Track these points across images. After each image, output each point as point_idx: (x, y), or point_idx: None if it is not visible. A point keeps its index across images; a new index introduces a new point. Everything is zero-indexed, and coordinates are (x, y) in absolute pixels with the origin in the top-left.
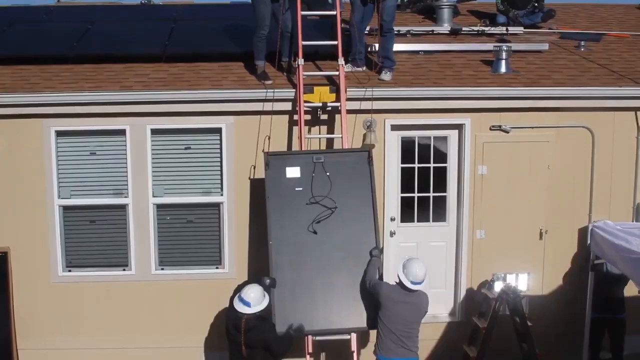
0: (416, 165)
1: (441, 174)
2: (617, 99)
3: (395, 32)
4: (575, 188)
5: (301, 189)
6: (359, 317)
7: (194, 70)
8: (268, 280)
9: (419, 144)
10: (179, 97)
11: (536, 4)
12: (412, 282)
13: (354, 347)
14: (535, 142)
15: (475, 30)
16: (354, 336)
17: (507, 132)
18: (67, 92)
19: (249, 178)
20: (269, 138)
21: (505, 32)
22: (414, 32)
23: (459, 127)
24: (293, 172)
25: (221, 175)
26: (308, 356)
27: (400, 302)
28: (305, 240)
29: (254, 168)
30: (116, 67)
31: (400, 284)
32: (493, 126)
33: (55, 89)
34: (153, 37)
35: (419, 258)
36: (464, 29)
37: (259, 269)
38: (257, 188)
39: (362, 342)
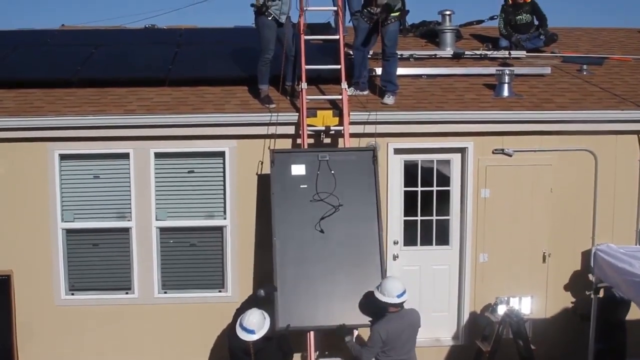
0: (419, 188)
1: (444, 198)
2: (619, 122)
3: (398, 56)
4: (578, 211)
5: (306, 186)
6: (360, 314)
7: (198, 94)
8: (262, 292)
9: (421, 167)
10: (183, 121)
11: (539, 29)
12: (398, 296)
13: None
14: (538, 165)
15: (478, 54)
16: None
17: (509, 155)
18: (71, 116)
19: (257, 198)
20: (261, 163)
21: (507, 56)
22: (416, 56)
23: (462, 151)
24: (298, 169)
25: (224, 198)
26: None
27: (403, 328)
28: (309, 237)
29: (258, 191)
30: (120, 91)
31: (388, 308)
32: (496, 149)
33: (59, 113)
34: (157, 61)
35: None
36: (466, 52)
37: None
38: (263, 210)
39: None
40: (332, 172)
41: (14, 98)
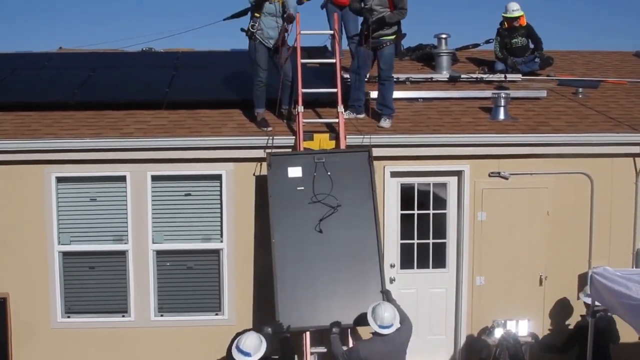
0: (415, 211)
1: (441, 220)
2: (615, 145)
3: (395, 79)
4: (575, 234)
5: (303, 188)
6: (359, 313)
7: (195, 117)
8: (270, 329)
9: (418, 190)
10: (179, 144)
11: (535, 52)
12: (381, 327)
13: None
14: (534, 188)
15: (474, 78)
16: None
17: (506, 178)
18: (68, 139)
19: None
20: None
21: (503, 79)
22: (413, 80)
23: (458, 174)
24: (295, 171)
25: (221, 221)
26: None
27: (386, 352)
28: (307, 238)
29: (256, 213)
30: (117, 114)
31: (374, 333)
32: (492, 173)
33: (56, 136)
34: (154, 84)
35: (386, 302)
36: (462, 76)
37: (266, 313)
38: (261, 231)
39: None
40: (329, 173)
41: (11, 120)
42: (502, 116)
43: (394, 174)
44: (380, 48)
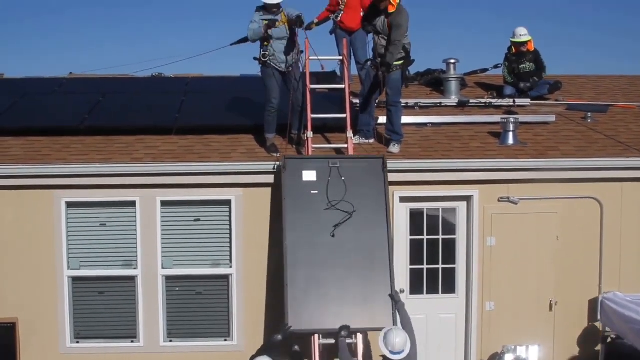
0: (425, 237)
1: (450, 246)
2: (624, 170)
3: (403, 104)
4: (585, 259)
5: (317, 192)
6: (368, 318)
7: (204, 142)
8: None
9: (427, 215)
10: (189, 170)
11: (534, 77)
12: (391, 352)
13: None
14: (544, 213)
15: (483, 102)
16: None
17: (515, 203)
18: (78, 164)
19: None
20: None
21: (512, 104)
22: (421, 105)
23: (468, 199)
24: (309, 175)
25: (230, 247)
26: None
27: None
28: (319, 241)
29: (266, 238)
30: (127, 139)
31: (384, 357)
32: (501, 198)
33: (66, 161)
34: (164, 110)
35: (398, 328)
36: (471, 101)
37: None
38: (271, 256)
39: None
40: (343, 178)
41: (21, 146)
42: (511, 141)
43: (403, 199)
44: (388, 73)
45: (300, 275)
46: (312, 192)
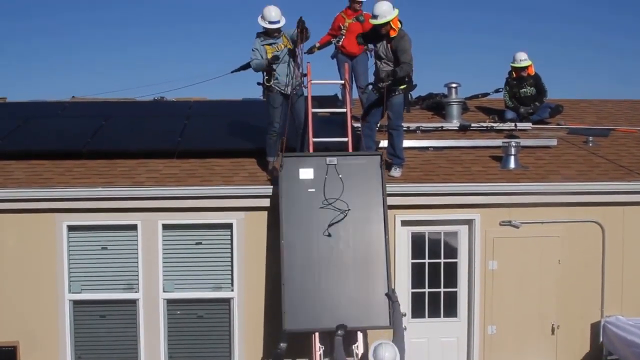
0: (427, 260)
1: (452, 269)
2: (626, 194)
3: (405, 128)
4: (587, 283)
5: (314, 190)
6: (365, 316)
7: (207, 166)
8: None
9: (429, 239)
10: (191, 193)
11: (535, 101)
12: None
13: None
14: (546, 237)
15: (484, 127)
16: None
17: (517, 227)
18: (80, 188)
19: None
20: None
21: (513, 127)
22: (423, 129)
23: (469, 223)
24: (306, 173)
25: (232, 270)
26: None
27: None
28: (316, 240)
29: (267, 261)
30: (129, 163)
31: None
32: (503, 221)
33: (69, 184)
34: (166, 133)
35: (388, 342)
36: (473, 125)
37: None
38: (273, 280)
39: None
40: (340, 176)
41: (24, 169)
42: (512, 165)
43: (405, 223)
44: (390, 97)
45: (297, 274)
46: (310, 190)
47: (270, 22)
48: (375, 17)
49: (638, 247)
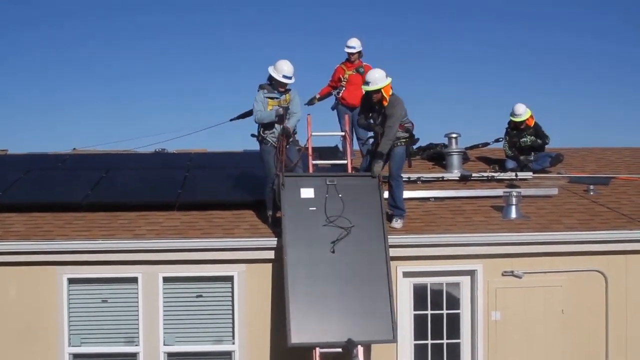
0: (429, 311)
1: (454, 320)
2: (628, 242)
3: (406, 179)
4: (591, 332)
5: (315, 208)
6: (369, 331)
7: (207, 218)
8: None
9: (431, 290)
10: (191, 246)
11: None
12: None
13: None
14: (548, 286)
15: (485, 176)
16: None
17: (519, 277)
18: (80, 240)
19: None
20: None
21: (514, 177)
22: (424, 179)
23: (471, 273)
24: (307, 192)
25: (233, 323)
26: None
27: None
28: (319, 256)
29: (269, 314)
30: (129, 215)
31: None
32: (505, 272)
33: (68, 237)
34: (166, 185)
35: None
36: (473, 175)
37: None
38: (274, 332)
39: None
40: (340, 195)
41: (24, 222)
42: (514, 215)
43: (407, 274)
44: (392, 148)
45: (301, 290)
46: (311, 208)
47: (284, 76)
48: (367, 83)
49: None
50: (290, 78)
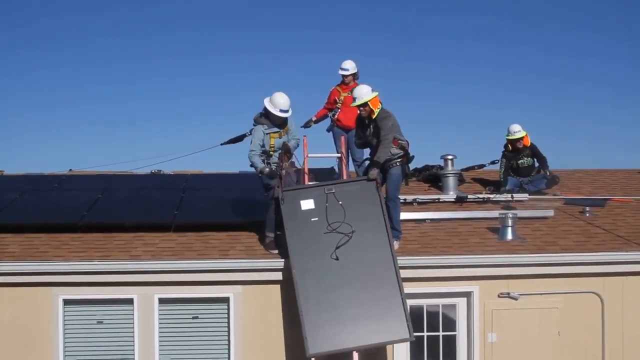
0: (425, 333)
1: (451, 342)
2: (624, 264)
3: (402, 200)
4: (587, 355)
5: (317, 219)
6: (386, 331)
7: (203, 239)
8: None
9: (427, 312)
10: (187, 267)
11: (541, 171)
12: None
13: None
14: (545, 308)
15: (481, 198)
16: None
17: (515, 299)
18: (76, 261)
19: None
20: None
21: (510, 199)
22: (420, 201)
23: (467, 295)
24: (307, 204)
25: (229, 344)
26: None
27: None
28: (326, 265)
29: (265, 335)
30: (125, 236)
31: None
32: (501, 293)
33: (64, 258)
34: (162, 207)
35: None
36: (469, 196)
37: None
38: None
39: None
40: (340, 202)
41: (20, 243)
42: (510, 236)
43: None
44: (388, 168)
45: (312, 299)
46: (313, 219)
47: (281, 111)
48: (354, 100)
49: (638, 317)
50: (287, 111)
